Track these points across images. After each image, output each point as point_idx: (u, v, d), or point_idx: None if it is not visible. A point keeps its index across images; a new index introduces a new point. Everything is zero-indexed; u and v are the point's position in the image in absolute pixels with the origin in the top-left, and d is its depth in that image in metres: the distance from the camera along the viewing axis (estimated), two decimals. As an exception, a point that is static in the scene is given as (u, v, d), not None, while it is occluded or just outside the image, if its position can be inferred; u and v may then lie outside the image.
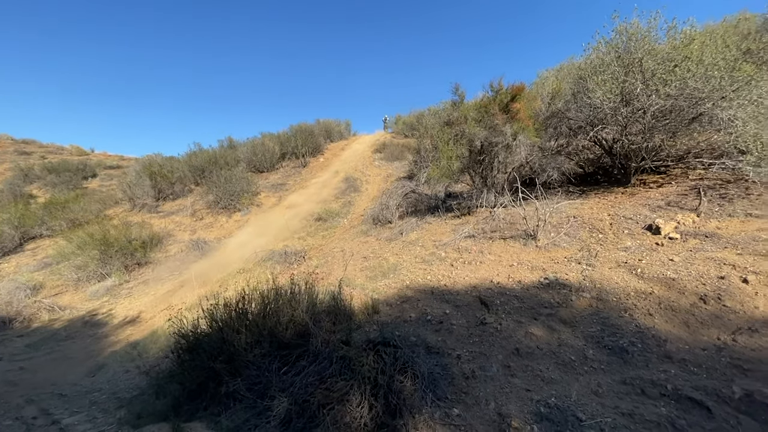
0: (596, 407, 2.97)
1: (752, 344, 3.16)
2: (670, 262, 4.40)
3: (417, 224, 8.91)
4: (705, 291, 3.79)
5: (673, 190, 6.07)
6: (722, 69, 5.20)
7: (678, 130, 6.07)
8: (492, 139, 7.44)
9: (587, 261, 4.95)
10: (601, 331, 3.70)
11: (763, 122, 5.21)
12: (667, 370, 3.14)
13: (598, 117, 6.58)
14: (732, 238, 4.53)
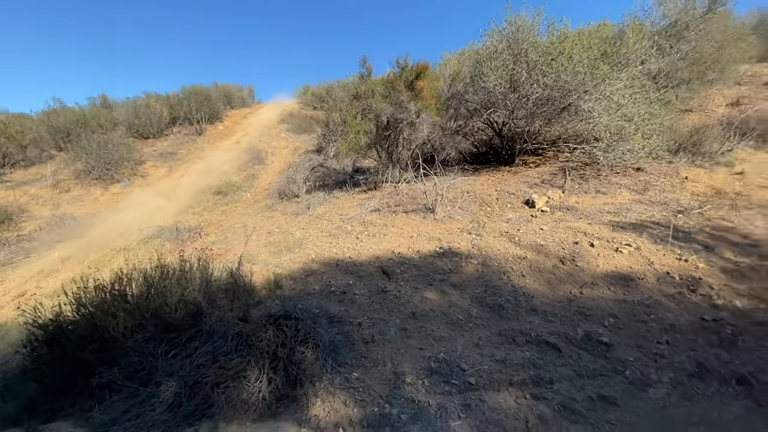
0: (477, 357, 3.39)
1: (593, 295, 3.91)
2: (540, 231, 5.13)
3: (325, 198, 8.82)
4: (564, 254, 4.53)
5: (547, 170, 7.03)
6: (586, 66, 6.08)
7: (552, 118, 6.98)
8: (398, 115, 7.62)
9: (476, 231, 5.49)
10: (484, 292, 4.19)
11: (612, 115, 6.28)
12: (533, 321, 3.72)
13: (491, 100, 7.19)
14: (585, 211, 5.46)
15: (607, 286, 4.00)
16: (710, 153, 6.19)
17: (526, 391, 3.06)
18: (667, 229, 4.63)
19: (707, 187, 5.57)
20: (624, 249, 4.43)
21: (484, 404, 2.95)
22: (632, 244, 4.49)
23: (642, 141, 6.05)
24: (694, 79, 8.11)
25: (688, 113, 7.96)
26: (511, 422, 2.82)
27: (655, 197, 5.56)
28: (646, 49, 6.97)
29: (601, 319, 3.62)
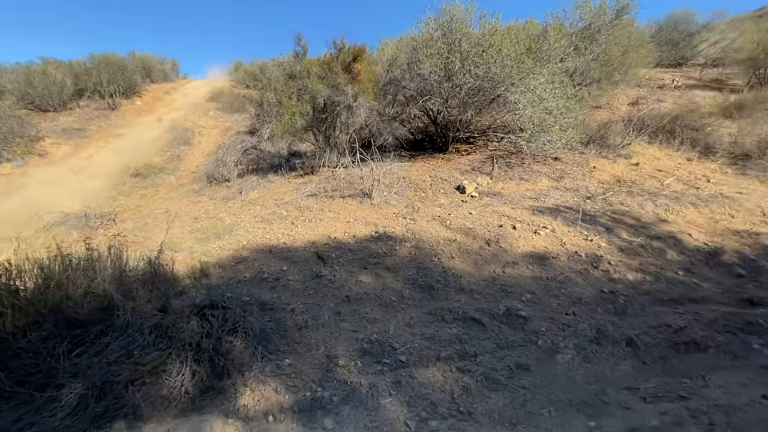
0: (408, 336, 3.52)
1: (514, 273, 4.24)
2: (469, 215, 5.41)
3: (258, 183, 8.42)
4: (489, 236, 4.84)
5: (477, 157, 7.40)
6: (513, 60, 6.44)
7: (483, 108, 7.33)
8: (334, 98, 7.46)
9: (411, 216, 5.64)
10: (416, 274, 4.33)
11: (536, 107, 6.76)
12: (460, 300, 3.94)
13: (426, 88, 7.33)
14: (510, 196, 5.86)
15: (527, 265, 4.37)
16: (614, 146, 6.98)
17: (453, 365, 3.25)
18: (577, 213, 5.15)
19: (610, 176, 6.29)
20: (541, 231, 4.85)
21: (413, 380, 3.08)
22: (548, 227, 4.94)
23: (560, 133, 6.62)
24: (603, 79, 9.05)
25: (597, 109, 8.87)
26: (438, 395, 2.98)
27: (569, 184, 6.15)
28: (564, 48, 7.58)
29: (520, 296, 3.95)
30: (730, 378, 3.08)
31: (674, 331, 3.48)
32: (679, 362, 3.29)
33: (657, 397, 2.91)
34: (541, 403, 2.91)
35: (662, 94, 9.77)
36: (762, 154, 6.31)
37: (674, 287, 4.01)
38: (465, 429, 2.66)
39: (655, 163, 6.66)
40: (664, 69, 11.95)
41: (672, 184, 5.94)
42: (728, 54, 11.43)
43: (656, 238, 4.69)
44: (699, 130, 7.17)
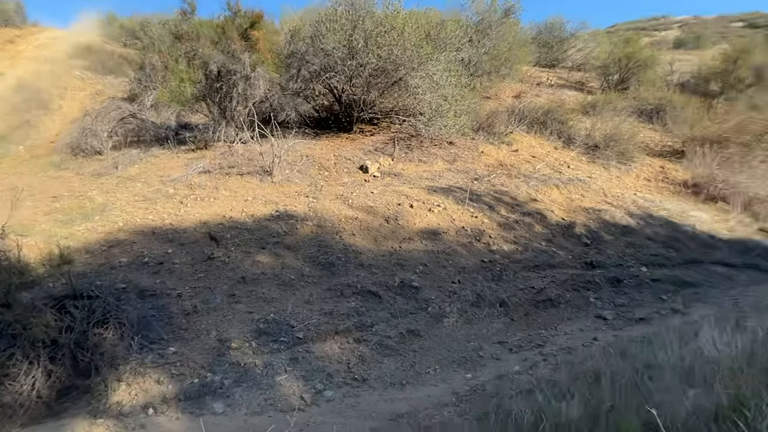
0: (306, 313, 3.53)
1: (409, 248, 4.52)
2: (371, 194, 5.56)
3: (139, 157, 7.38)
4: (389, 214, 5.06)
5: (380, 138, 7.58)
6: (414, 44, 6.67)
7: (386, 90, 7.48)
8: (230, 66, 6.84)
9: (314, 194, 5.57)
10: (317, 252, 4.33)
11: (434, 93, 7.15)
12: (359, 275, 4.07)
13: (330, 65, 7.18)
14: (409, 177, 6.17)
15: (421, 240, 4.69)
16: (499, 133, 7.81)
17: (350, 336, 3.38)
18: (466, 192, 5.67)
19: (495, 160, 7.04)
20: (435, 209, 5.24)
21: (310, 355, 3.12)
22: (441, 205, 5.35)
23: (454, 119, 7.13)
24: (492, 72, 9.97)
25: (487, 99, 9.77)
26: (334, 366, 3.08)
27: (461, 167, 6.71)
28: (460, 38, 8.10)
29: (414, 268, 4.24)
30: (573, 326, 3.79)
31: (536, 292, 4.13)
32: (539, 317, 3.92)
33: (520, 347, 3.44)
34: (428, 363, 3.21)
35: (539, 90, 11.17)
36: (606, 146, 7.71)
37: (539, 255, 4.73)
38: (358, 394, 2.81)
39: (531, 150, 7.65)
40: (541, 68, 13.64)
41: (542, 169, 6.91)
42: (589, 60, 13.55)
43: (527, 215, 5.44)
44: (564, 124, 8.41)
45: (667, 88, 10.63)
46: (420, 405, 2.63)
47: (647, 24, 28.53)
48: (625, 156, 7.45)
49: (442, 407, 2.57)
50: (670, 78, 11.71)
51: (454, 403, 2.60)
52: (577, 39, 14.55)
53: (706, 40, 18.33)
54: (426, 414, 2.49)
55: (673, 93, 10.13)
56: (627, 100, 9.79)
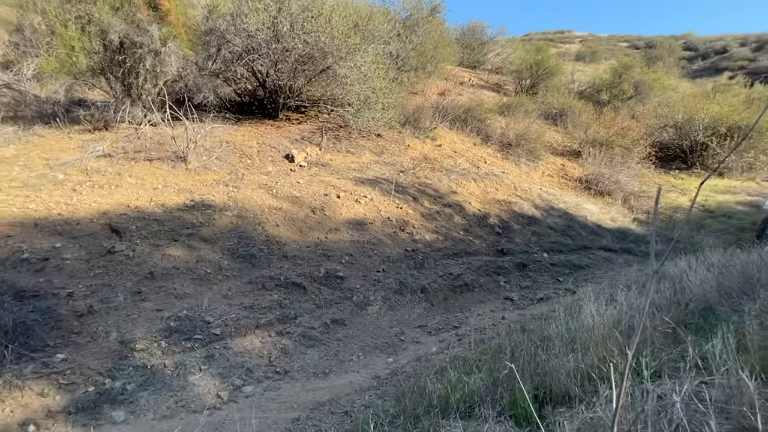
0: (224, 308, 3.35)
1: (335, 239, 4.51)
2: (297, 184, 5.42)
3: (17, 135, 6.26)
4: (315, 204, 4.98)
5: (308, 127, 7.40)
6: (342, 33, 6.59)
7: (313, 77, 7.30)
8: (135, 37, 6.09)
9: (234, 183, 5.25)
10: (237, 244, 4.11)
11: (362, 84, 7.16)
12: (283, 266, 3.96)
13: (254, 46, 6.79)
14: (337, 167, 6.13)
15: (347, 230, 4.71)
16: (424, 128, 8.12)
17: (272, 330, 3.29)
18: (392, 184, 5.81)
19: (420, 154, 7.32)
20: (362, 200, 5.29)
21: (228, 351, 2.97)
22: (368, 196, 5.42)
23: (382, 112, 7.23)
24: (419, 68, 10.29)
25: (414, 95, 10.07)
26: (255, 361, 2.98)
27: (388, 159, 6.86)
28: (389, 32, 8.20)
29: (339, 258, 4.25)
30: (485, 308, 4.14)
31: (454, 278, 4.42)
32: (456, 301, 4.21)
33: (438, 330, 3.66)
34: (351, 351, 3.27)
35: (462, 90, 11.82)
36: (518, 144, 8.47)
37: (457, 244, 5.05)
38: (280, 387, 2.76)
39: (453, 146, 8.09)
40: (464, 68, 14.43)
41: (462, 163, 7.36)
42: (505, 65, 14.67)
43: (448, 206, 5.77)
44: (483, 122, 9.04)
45: (569, 95, 11.97)
46: (342, 392, 2.67)
47: (554, 36, 31.72)
48: (533, 154, 8.26)
49: (364, 392, 2.64)
50: (571, 86, 13.19)
51: (375, 387, 2.69)
52: (496, 44, 15.64)
53: (600, 56, 20.99)
54: (348, 400, 2.54)
55: (574, 100, 11.44)
56: (536, 104, 10.82)
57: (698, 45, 28.97)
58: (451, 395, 1.90)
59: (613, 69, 12.86)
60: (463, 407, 1.77)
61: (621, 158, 8.15)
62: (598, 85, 12.67)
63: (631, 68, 12.88)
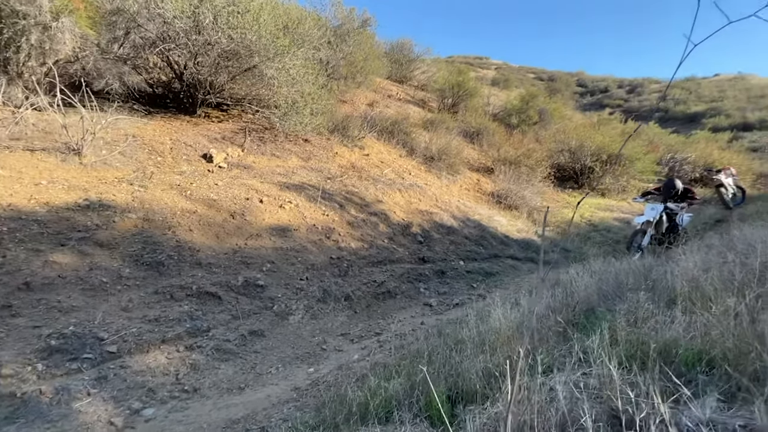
0: (123, 322, 2.98)
1: (256, 245, 4.31)
2: (215, 186, 5.07)
3: None
4: (235, 209, 4.71)
5: (230, 127, 6.99)
6: (270, 33, 6.40)
7: (237, 75, 6.94)
8: (16, 5, 5.20)
9: (141, 182, 4.73)
10: (142, 249, 3.70)
11: (290, 87, 7.00)
12: (195, 275, 3.66)
13: (170, 35, 6.24)
14: (260, 171, 5.88)
15: (270, 236, 4.53)
16: (352, 137, 8.20)
17: (181, 344, 3.01)
18: (318, 190, 5.75)
19: (348, 162, 7.37)
20: (287, 205, 5.14)
21: (126, 370, 2.65)
22: (293, 202, 5.28)
23: (310, 117, 7.14)
24: (349, 77, 10.41)
25: (343, 103, 10.14)
26: (159, 380, 2.69)
27: (315, 165, 6.77)
28: (319, 38, 8.17)
29: (260, 266, 4.07)
30: (406, 314, 4.28)
31: (377, 285, 4.51)
32: (378, 308, 4.29)
33: (361, 338, 3.70)
34: (270, 363, 3.14)
35: (389, 102, 12.21)
36: (440, 158, 9.01)
37: (381, 252, 5.17)
38: (188, 407, 2.53)
39: (380, 156, 8.30)
40: (392, 82, 14.95)
41: (389, 174, 7.58)
42: (430, 83, 15.55)
43: (374, 215, 5.88)
44: (408, 135, 9.43)
45: (485, 116, 13.09)
46: (259, 406, 2.54)
47: (474, 61, 34.53)
48: (453, 168, 8.84)
49: (282, 405, 2.55)
50: (487, 108, 14.45)
51: (294, 399, 2.61)
52: (423, 62, 16.50)
53: (512, 83, 23.36)
54: (265, 414, 2.43)
55: (489, 121, 12.54)
56: (457, 122, 11.63)
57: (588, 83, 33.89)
58: (370, 401, 1.93)
59: (522, 96, 14.41)
60: (382, 412, 1.82)
61: (526, 176, 9.12)
62: (510, 109, 14.08)
63: (537, 97, 14.58)
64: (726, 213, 7.85)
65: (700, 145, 13.64)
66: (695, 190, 5.88)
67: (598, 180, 10.80)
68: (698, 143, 14.08)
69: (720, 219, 7.52)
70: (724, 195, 8.13)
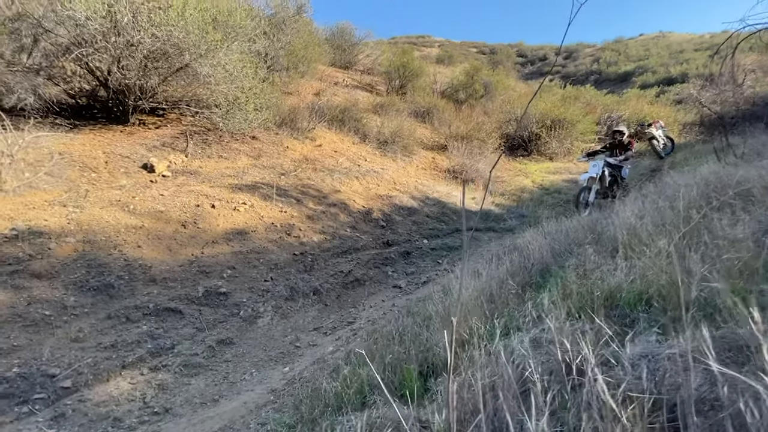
0: (75, 354, 2.79)
1: (213, 253, 4.15)
2: (160, 196, 4.79)
3: None
4: (186, 218, 4.49)
5: (169, 132, 6.58)
6: (199, 29, 6.02)
7: (170, 76, 6.50)
8: None
9: (75, 203, 4.37)
10: (86, 274, 3.45)
11: (229, 84, 6.67)
12: (151, 292, 3.48)
13: (85, 38, 5.70)
14: (208, 175, 5.62)
15: (226, 242, 4.37)
16: (302, 129, 8.00)
17: (144, 366, 2.87)
18: (273, 188, 5.59)
19: (300, 155, 7.20)
20: (241, 207, 4.97)
21: (85, 404, 2.49)
22: (248, 203, 5.11)
23: (255, 113, 6.86)
24: (291, 68, 10.07)
25: (288, 95, 9.82)
26: (125, 407, 2.56)
27: (266, 162, 6.56)
28: (254, 29, 7.80)
29: (220, 273, 3.93)
30: (377, 299, 4.32)
31: (345, 275, 4.50)
32: (349, 297, 4.30)
33: (334, 329, 3.70)
34: (243, 369, 3.07)
35: (337, 90, 11.98)
36: (393, 141, 9.02)
37: (345, 241, 5.15)
38: (160, 429, 2.43)
39: (333, 145, 8.17)
40: (337, 69, 14.65)
41: (344, 162, 7.50)
42: (375, 66, 15.40)
43: (333, 205, 5.83)
44: (359, 121, 9.34)
45: (433, 95, 13.20)
46: (236, 415, 2.49)
47: (417, 40, 34.51)
48: (408, 150, 8.90)
49: (260, 409, 2.51)
50: (434, 86, 14.56)
51: (272, 401, 2.58)
52: (366, 45, 16.27)
53: (456, 59, 23.64)
54: (243, 422, 2.39)
55: (437, 99, 12.67)
56: (406, 103, 11.65)
57: (527, 52, 35.00)
58: (347, 390, 1.95)
59: (466, 71, 14.64)
60: (358, 399, 1.84)
61: (479, 149, 9.36)
62: (456, 85, 14.28)
63: (480, 71, 14.87)
64: (659, 163, 8.52)
65: (632, 103, 14.60)
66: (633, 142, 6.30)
67: (545, 145, 11.29)
68: (630, 101, 15.05)
69: (654, 169, 8.14)
70: (656, 146, 8.80)
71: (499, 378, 1.19)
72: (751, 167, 3.10)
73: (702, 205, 2.47)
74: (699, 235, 2.08)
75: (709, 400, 1.02)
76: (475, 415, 1.11)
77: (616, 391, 1.01)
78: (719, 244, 1.87)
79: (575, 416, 1.02)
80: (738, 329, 1.29)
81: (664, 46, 27.60)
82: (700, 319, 1.42)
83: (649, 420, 0.95)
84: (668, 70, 21.63)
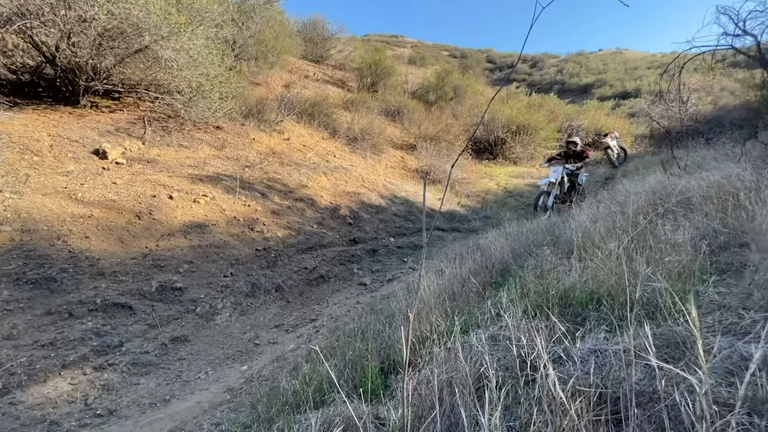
0: (8, 352, 2.55)
1: (169, 246, 3.94)
2: (113, 185, 4.49)
3: None
4: (140, 208, 4.24)
5: (125, 117, 6.18)
6: (161, 9, 5.69)
7: (127, 58, 6.11)
8: None
9: (13, 188, 4.00)
10: (24, 266, 3.17)
11: (193, 70, 6.36)
12: (98, 286, 3.25)
13: (30, 10, 5.23)
14: (167, 164, 5.34)
15: (184, 235, 4.17)
16: (270, 121, 7.78)
17: (87, 365, 2.68)
18: (237, 180, 5.40)
19: (267, 148, 7.00)
20: (201, 199, 4.76)
21: (18, 407, 2.29)
22: (209, 195, 4.90)
23: (220, 102, 6.59)
24: (260, 58, 9.77)
25: (257, 86, 9.52)
26: (63, 410, 2.38)
27: (231, 153, 6.32)
28: (221, 14, 7.48)
29: (176, 267, 3.74)
30: (341, 296, 4.29)
31: (309, 272, 4.43)
32: (313, 294, 4.24)
33: (296, 326, 3.63)
34: (198, 367, 2.94)
35: (307, 83, 11.76)
36: (363, 138, 8.98)
37: (311, 238, 5.07)
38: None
39: (301, 140, 8.02)
40: (308, 62, 14.38)
41: (312, 157, 7.38)
42: (347, 62, 15.27)
43: (300, 200, 5.72)
44: (329, 116, 9.22)
45: (404, 95, 13.28)
46: (188, 416, 2.38)
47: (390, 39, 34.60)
48: (377, 148, 8.89)
49: (214, 409, 2.42)
50: (405, 86, 14.66)
51: (228, 401, 2.49)
52: (338, 41, 16.08)
53: (427, 61, 23.92)
54: (195, 423, 2.29)
55: (408, 99, 12.75)
56: (377, 101, 11.63)
57: (496, 59, 36.03)
58: (306, 388, 1.91)
59: (437, 73, 14.84)
60: (317, 397, 1.81)
61: (447, 151, 9.53)
62: (427, 86, 14.45)
63: (451, 74, 15.12)
64: (613, 171, 9.05)
65: (590, 113, 15.41)
66: (588, 151, 6.64)
67: (510, 150, 11.67)
68: (589, 111, 15.88)
69: (609, 177, 8.64)
70: (610, 156, 9.35)
71: (457, 374, 1.20)
72: (692, 178, 3.35)
73: (649, 211, 2.64)
74: (645, 239, 2.23)
75: (648, 393, 1.09)
76: (432, 411, 1.12)
77: (566, 385, 1.05)
78: (662, 247, 2.01)
79: (527, 410, 1.06)
80: (676, 327, 1.39)
81: (620, 61, 29.34)
82: (643, 317, 1.52)
83: (594, 413, 0.99)
84: (624, 85, 23.04)
